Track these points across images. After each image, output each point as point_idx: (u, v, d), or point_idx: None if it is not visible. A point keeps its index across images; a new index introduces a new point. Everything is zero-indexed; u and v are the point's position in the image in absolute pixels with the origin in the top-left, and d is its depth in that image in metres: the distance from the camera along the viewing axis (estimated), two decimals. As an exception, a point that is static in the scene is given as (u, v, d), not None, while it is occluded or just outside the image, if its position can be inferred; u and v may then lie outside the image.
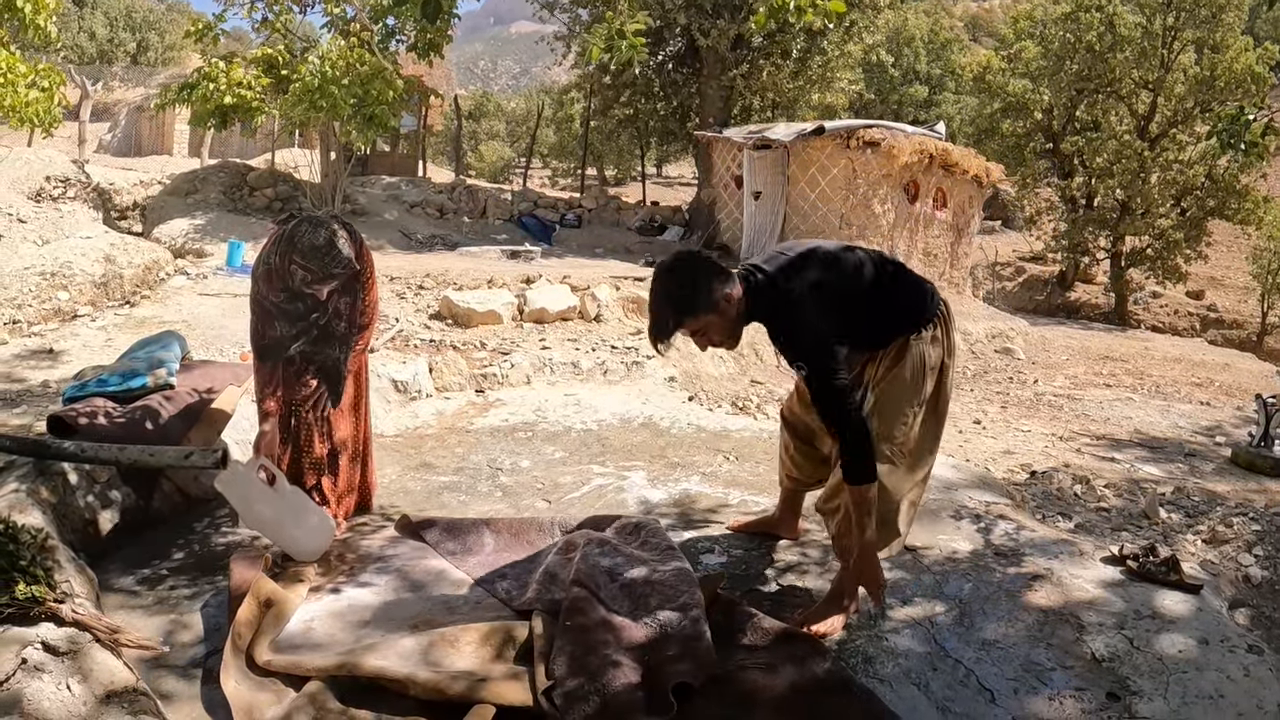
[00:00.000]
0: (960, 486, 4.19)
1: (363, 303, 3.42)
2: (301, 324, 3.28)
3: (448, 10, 3.24)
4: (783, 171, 13.59)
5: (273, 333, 3.26)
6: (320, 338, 3.34)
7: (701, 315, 2.62)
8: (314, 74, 11.75)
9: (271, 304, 3.23)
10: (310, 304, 3.25)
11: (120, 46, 43.56)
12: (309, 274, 3.09)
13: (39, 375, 5.35)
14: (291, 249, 3.07)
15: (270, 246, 3.19)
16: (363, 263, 3.33)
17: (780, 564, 3.31)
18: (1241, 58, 20.75)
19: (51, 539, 2.84)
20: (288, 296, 3.20)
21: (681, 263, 2.68)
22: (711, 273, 2.64)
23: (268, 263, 3.18)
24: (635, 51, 3.64)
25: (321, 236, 3.08)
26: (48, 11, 7.78)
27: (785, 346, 2.72)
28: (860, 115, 29.17)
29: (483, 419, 5.50)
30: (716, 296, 2.61)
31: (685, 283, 2.62)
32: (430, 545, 3.29)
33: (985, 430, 7.33)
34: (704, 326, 2.65)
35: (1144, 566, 3.25)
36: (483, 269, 10.23)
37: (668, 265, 2.68)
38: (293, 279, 3.12)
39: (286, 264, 3.09)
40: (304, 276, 3.10)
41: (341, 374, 3.43)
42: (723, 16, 16.49)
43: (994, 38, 37.66)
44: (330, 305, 3.31)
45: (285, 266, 3.10)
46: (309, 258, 3.06)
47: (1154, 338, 19.01)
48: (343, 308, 3.36)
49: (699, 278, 2.62)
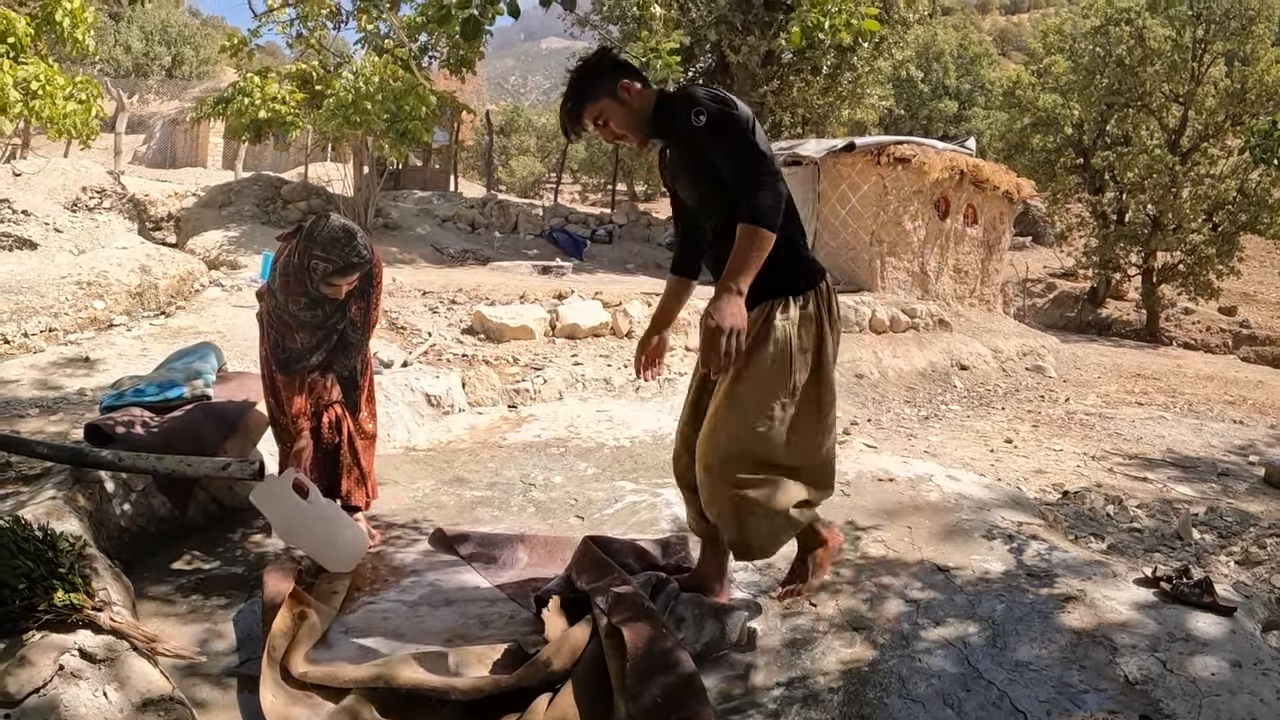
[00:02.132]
0: (993, 506, 4.16)
1: (373, 308, 3.48)
2: (321, 333, 3.32)
3: (489, 24, 3.28)
4: (813, 188, 13.57)
5: (293, 345, 3.30)
6: (339, 346, 3.39)
7: (600, 100, 2.70)
8: (348, 89, 11.89)
9: (291, 314, 3.26)
10: (329, 310, 3.29)
11: (155, 60, 44.37)
12: (330, 264, 3.12)
13: (75, 383, 5.41)
14: (311, 243, 3.11)
15: (286, 252, 3.22)
16: (375, 267, 3.38)
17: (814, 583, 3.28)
18: (1272, 69, 20.55)
19: (89, 546, 2.87)
20: (308, 303, 3.23)
21: (594, 54, 2.82)
22: (613, 65, 2.75)
23: (285, 271, 3.21)
24: (670, 70, 3.66)
25: (340, 229, 3.14)
26: (85, 25, 7.96)
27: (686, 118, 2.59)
28: (890, 131, 29.13)
29: (515, 434, 5.53)
30: (613, 83, 2.70)
31: (585, 71, 2.75)
32: (464, 559, 3.31)
33: (1017, 449, 7.27)
34: (602, 113, 2.72)
35: (1177, 588, 3.20)
36: (514, 284, 10.29)
37: (582, 57, 2.85)
38: (314, 275, 3.14)
39: (306, 261, 3.13)
40: (325, 269, 3.13)
41: (358, 384, 3.48)
42: (753, 33, 16.53)
43: (1023, 51, 37.50)
44: (348, 309, 3.36)
45: (305, 264, 3.13)
46: (329, 248, 3.10)
47: (1186, 355, 18.79)
48: (357, 314, 3.41)
49: (602, 65, 2.75)
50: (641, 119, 2.74)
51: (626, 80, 2.71)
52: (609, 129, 2.75)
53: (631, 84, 2.71)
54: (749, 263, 2.46)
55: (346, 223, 3.19)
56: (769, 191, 2.49)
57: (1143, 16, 21.38)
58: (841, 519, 3.88)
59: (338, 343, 3.40)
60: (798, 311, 2.69)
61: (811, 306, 2.71)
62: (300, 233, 3.20)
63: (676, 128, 2.65)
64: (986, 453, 7.03)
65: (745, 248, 2.46)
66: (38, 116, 7.91)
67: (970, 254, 14.76)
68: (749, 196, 2.49)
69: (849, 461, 4.86)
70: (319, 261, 3.11)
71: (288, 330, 3.28)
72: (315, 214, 3.35)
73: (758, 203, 2.48)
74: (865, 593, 3.12)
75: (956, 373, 10.99)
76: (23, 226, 9.21)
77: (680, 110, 2.60)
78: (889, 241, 13.08)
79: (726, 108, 2.56)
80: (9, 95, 7.15)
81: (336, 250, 3.10)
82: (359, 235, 3.18)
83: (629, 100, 2.70)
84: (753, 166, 2.52)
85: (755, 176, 2.51)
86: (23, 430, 4.15)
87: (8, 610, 2.41)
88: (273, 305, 3.30)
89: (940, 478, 4.56)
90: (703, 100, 2.56)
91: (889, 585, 3.21)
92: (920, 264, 13.60)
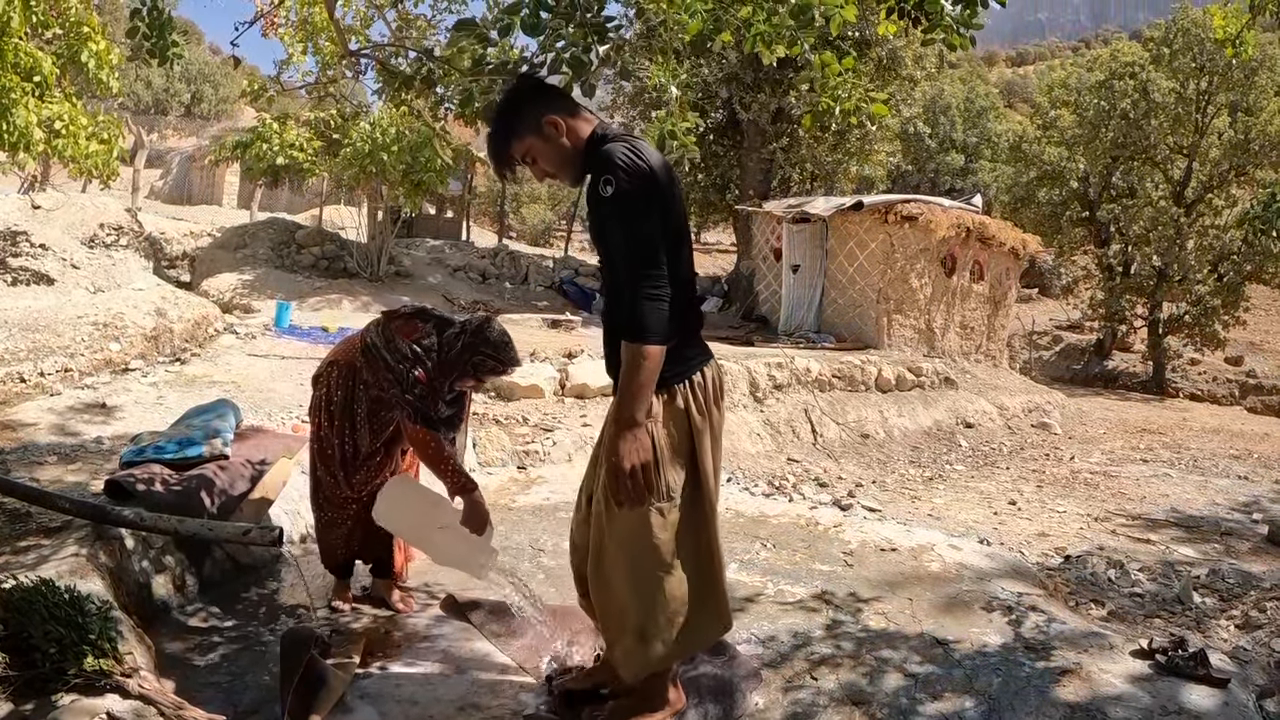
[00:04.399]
0: (993, 576, 4.23)
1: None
2: (453, 409, 3.51)
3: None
4: (821, 245, 13.76)
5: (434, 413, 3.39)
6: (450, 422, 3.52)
7: (526, 137, 2.51)
8: (365, 139, 12.13)
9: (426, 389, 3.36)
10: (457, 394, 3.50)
11: (175, 97, 45.12)
12: (499, 364, 3.37)
13: (93, 430, 5.47)
14: (484, 343, 3.33)
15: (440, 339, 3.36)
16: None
17: (815, 655, 3.35)
18: (1276, 119, 20.80)
19: (114, 609, 2.96)
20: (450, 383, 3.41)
21: (515, 83, 2.65)
22: (541, 95, 2.55)
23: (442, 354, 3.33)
24: (686, 150, 3.81)
25: (504, 331, 3.39)
26: (110, 67, 8.16)
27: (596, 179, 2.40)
28: (897, 185, 29.40)
29: (524, 496, 5.57)
30: (541, 118, 2.49)
31: (508, 104, 2.56)
32: (475, 626, 3.38)
33: (1020, 511, 7.31)
34: (528, 150, 2.53)
35: (1172, 660, 3.27)
36: (525, 339, 10.35)
37: (505, 86, 2.74)
38: (480, 369, 3.36)
39: (472, 355, 3.32)
40: (493, 365, 3.36)
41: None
42: (764, 90, 16.78)
43: (1029, 103, 37.89)
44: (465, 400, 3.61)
45: (469, 358, 3.33)
46: (500, 350, 3.34)
47: (1192, 407, 18.80)
48: (466, 403, 3.65)
49: (524, 97, 2.54)
50: (572, 156, 2.52)
51: (552, 115, 2.50)
52: (537, 167, 2.58)
53: (558, 119, 2.49)
54: (639, 387, 2.32)
55: (503, 327, 3.44)
56: (652, 301, 2.30)
57: (1147, 70, 21.68)
58: (844, 590, 3.96)
59: (451, 419, 3.56)
60: (660, 407, 2.45)
61: (679, 400, 2.47)
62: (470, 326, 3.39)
63: (592, 179, 2.44)
64: (990, 515, 7.08)
65: (632, 370, 2.32)
66: (60, 155, 8.03)
67: (976, 310, 14.89)
68: (631, 305, 2.31)
69: (852, 530, 4.93)
70: (486, 359, 3.33)
71: (428, 399, 3.36)
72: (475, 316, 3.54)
73: (640, 315, 2.29)
74: (865, 666, 3.18)
75: (962, 431, 11.05)
76: (40, 261, 9.31)
77: (596, 166, 2.41)
78: (896, 299, 13.22)
79: (636, 185, 2.33)
80: (33, 134, 7.26)
81: (505, 352, 3.36)
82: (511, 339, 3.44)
83: (556, 137, 2.50)
84: (640, 265, 2.32)
85: (640, 277, 2.31)
86: (42, 478, 4.23)
87: (38, 673, 2.50)
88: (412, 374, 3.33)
89: (942, 546, 4.63)
90: (618, 168, 2.32)
91: (889, 659, 3.27)
92: (927, 321, 13.73)
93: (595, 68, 3.20)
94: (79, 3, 7.94)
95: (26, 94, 7.27)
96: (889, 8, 3.28)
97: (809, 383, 9.93)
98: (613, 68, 3.18)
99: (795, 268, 13.96)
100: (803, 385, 9.81)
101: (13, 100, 7.00)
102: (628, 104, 18.54)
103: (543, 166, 2.56)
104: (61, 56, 8.09)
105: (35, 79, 7.49)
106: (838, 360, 10.83)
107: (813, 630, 3.53)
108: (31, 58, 7.44)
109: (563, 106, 2.54)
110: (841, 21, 3.40)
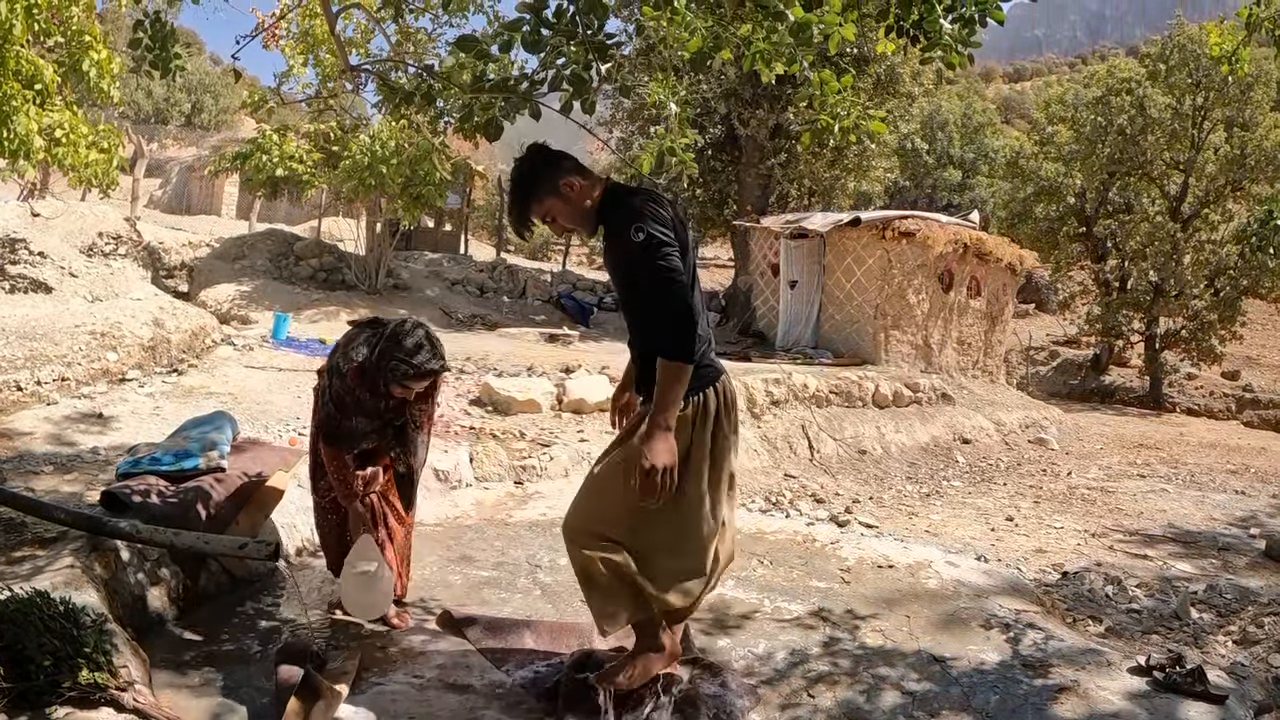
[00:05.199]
0: (991, 593, 4.22)
1: (432, 409, 3.65)
2: (378, 422, 3.46)
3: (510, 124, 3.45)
4: (819, 261, 13.78)
5: (349, 424, 3.42)
6: (396, 440, 3.54)
7: (546, 200, 2.84)
8: (365, 152, 12.16)
9: (354, 399, 3.39)
10: (390, 404, 3.43)
11: (176, 107, 45.15)
12: (412, 369, 3.28)
13: (89, 440, 5.46)
14: (395, 345, 3.28)
15: (359, 341, 3.38)
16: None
17: (812, 673, 3.34)
18: (1271, 134, 20.90)
19: (109, 621, 2.95)
20: (373, 394, 3.37)
21: (527, 154, 2.90)
22: (553, 162, 2.87)
23: (363, 360, 3.34)
24: (685, 166, 3.83)
25: (424, 337, 3.33)
26: (111, 76, 8.16)
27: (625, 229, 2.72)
28: (895, 200, 29.47)
29: (521, 511, 5.56)
30: (557, 182, 2.82)
31: (526, 171, 2.87)
32: (471, 643, 3.37)
33: (1018, 527, 7.30)
34: (548, 211, 2.86)
35: (1170, 677, 3.27)
36: (522, 353, 10.38)
37: (517, 157, 2.91)
38: (394, 375, 3.30)
39: (387, 360, 3.28)
40: (405, 371, 3.28)
41: (414, 481, 3.66)
42: (762, 106, 16.83)
43: (1026, 119, 38.04)
44: (409, 410, 3.52)
45: (385, 363, 3.29)
46: (413, 354, 3.27)
47: (1189, 421, 18.81)
48: (418, 414, 3.57)
49: (539, 166, 2.86)
50: (588, 212, 2.87)
51: (568, 177, 2.84)
52: (557, 224, 2.90)
53: (573, 180, 2.84)
54: (672, 396, 2.68)
55: (429, 330, 3.39)
56: (682, 322, 2.65)
57: (1143, 86, 21.79)
58: (841, 608, 3.95)
59: (395, 437, 3.55)
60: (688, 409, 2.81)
61: (688, 410, 2.81)
62: (381, 329, 3.37)
63: (614, 228, 2.78)
64: (987, 531, 7.07)
65: (667, 383, 2.67)
66: (60, 164, 8.02)
67: (973, 326, 14.91)
68: (664, 330, 2.67)
69: (849, 546, 4.93)
70: (400, 364, 3.27)
71: (346, 411, 3.40)
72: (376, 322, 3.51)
73: (673, 337, 2.65)
74: (863, 684, 3.18)
75: (959, 447, 11.04)
76: (39, 269, 9.26)
77: (621, 218, 2.73)
78: (893, 315, 13.24)
79: (662, 233, 2.68)
80: (34, 141, 7.24)
81: (419, 355, 3.28)
82: (439, 344, 3.37)
83: (573, 196, 2.84)
84: (668, 298, 2.65)
85: (669, 308, 2.65)
86: (38, 488, 4.22)
87: (33, 685, 2.49)
88: (337, 385, 3.42)
89: (939, 563, 4.63)
90: (646, 220, 2.68)
91: (886, 676, 3.27)
92: (924, 337, 13.74)
93: (597, 86, 3.22)
94: (81, 11, 7.93)
95: (27, 102, 7.25)
96: (888, 26, 3.30)
97: (806, 398, 9.92)
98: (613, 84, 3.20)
99: (793, 283, 13.99)
100: (800, 401, 9.81)
101: (14, 108, 6.99)
102: (626, 119, 18.60)
103: (563, 223, 2.89)
104: (63, 65, 8.07)
105: (36, 87, 7.48)
106: (835, 376, 10.82)
107: (810, 648, 3.53)
108: (33, 65, 7.43)
109: (574, 168, 2.88)
110: (840, 40, 3.42)
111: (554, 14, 2.93)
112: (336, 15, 4.36)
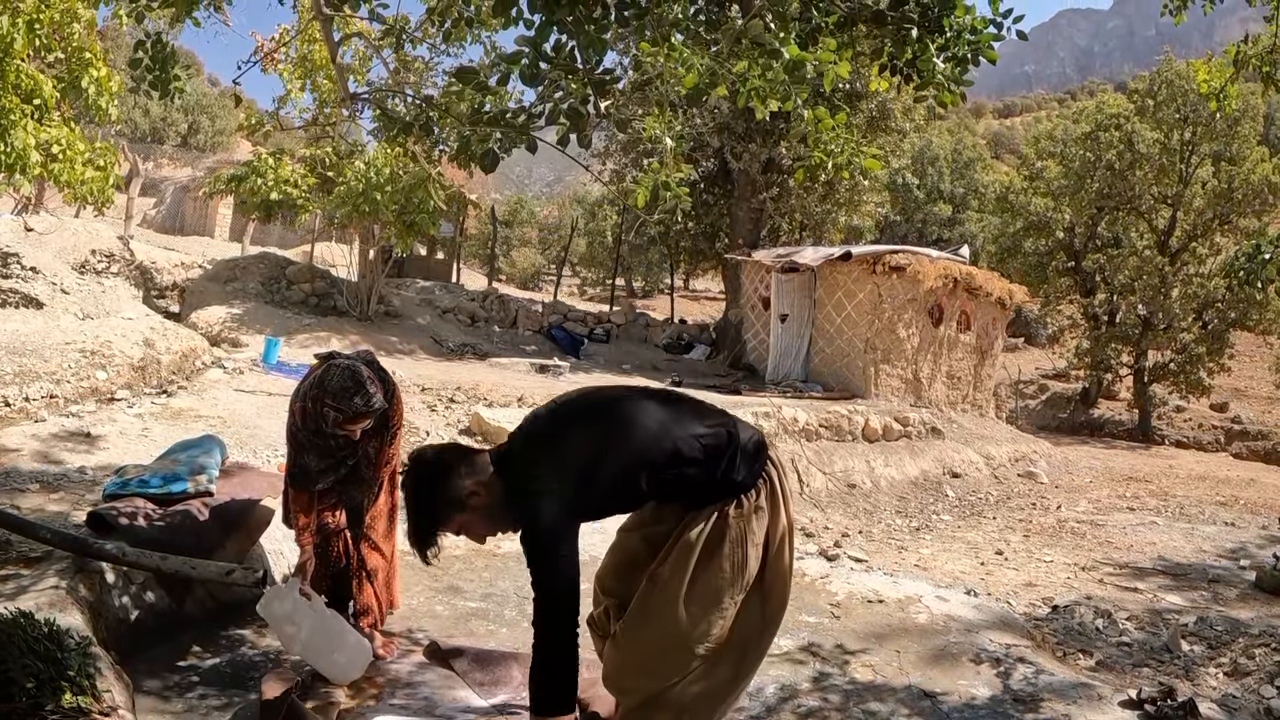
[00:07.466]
0: (981, 628, 4.22)
1: (390, 448, 3.60)
2: (330, 460, 3.42)
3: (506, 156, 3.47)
4: (810, 294, 13.85)
5: (304, 462, 3.41)
6: (349, 479, 3.50)
7: (453, 520, 2.45)
8: (359, 178, 12.19)
9: (304, 437, 3.38)
10: (340, 443, 3.40)
11: (172, 126, 45.26)
12: (340, 413, 3.24)
13: (76, 459, 5.42)
14: (323, 391, 3.25)
15: (306, 387, 3.36)
16: (393, 406, 3.51)
17: (802, 708, 3.32)
18: (1259, 168, 21.14)
19: (93, 644, 2.92)
20: (317, 434, 3.34)
21: (418, 471, 2.48)
22: (449, 471, 2.45)
23: (303, 401, 3.34)
24: (680, 200, 3.86)
25: (350, 379, 3.24)
26: (110, 94, 8.18)
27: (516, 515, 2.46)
28: (886, 235, 29.68)
29: (510, 542, 5.48)
30: (461, 495, 2.43)
31: (424, 493, 2.45)
32: (459, 674, 3.35)
33: (1008, 561, 7.30)
34: (461, 528, 2.49)
35: (1161, 710, 3.27)
36: (512, 383, 10.35)
37: (405, 476, 2.50)
38: (325, 420, 3.27)
39: (319, 406, 3.26)
40: (335, 416, 3.25)
41: (362, 516, 3.60)
42: (755, 140, 16.94)
43: (1015, 154, 38.43)
44: (362, 448, 3.48)
45: (318, 409, 3.27)
46: (339, 398, 3.22)
47: (1178, 454, 18.87)
48: (371, 452, 3.53)
49: (436, 483, 2.44)
50: (502, 509, 2.47)
51: (470, 483, 2.44)
52: (475, 535, 2.54)
53: (477, 484, 2.44)
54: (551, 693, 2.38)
55: (356, 370, 3.29)
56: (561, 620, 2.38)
57: (1132, 121, 22.04)
58: (831, 642, 3.94)
59: (349, 475, 3.51)
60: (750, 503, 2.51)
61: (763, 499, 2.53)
62: (315, 376, 3.34)
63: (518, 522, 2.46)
64: (977, 565, 7.07)
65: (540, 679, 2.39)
66: (56, 180, 8.01)
67: (963, 360, 14.97)
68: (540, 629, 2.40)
69: (839, 581, 4.92)
70: (329, 410, 3.25)
71: (300, 449, 3.39)
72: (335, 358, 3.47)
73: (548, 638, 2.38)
74: (853, 719, 3.16)
75: (948, 481, 11.05)
76: (30, 284, 9.19)
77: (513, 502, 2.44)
78: (883, 349, 13.29)
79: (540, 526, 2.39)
80: (30, 156, 7.24)
81: (345, 400, 3.22)
82: (368, 384, 3.26)
83: (481, 503, 2.44)
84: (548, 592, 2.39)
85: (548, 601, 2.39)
86: (23, 506, 4.18)
87: (14, 707, 2.46)
88: (289, 422, 3.42)
89: (929, 598, 4.62)
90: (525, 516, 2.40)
91: (876, 712, 3.25)
92: (914, 371, 13.79)
93: (596, 124, 3.24)
94: (82, 28, 7.96)
95: (26, 116, 7.27)
96: (881, 65, 3.34)
97: (796, 432, 9.92)
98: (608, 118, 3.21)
99: (783, 317, 14.04)
100: (790, 435, 9.81)
101: (12, 122, 7.00)
102: (620, 152, 18.70)
103: (480, 533, 2.54)
104: (62, 81, 8.09)
105: (35, 102, 7.49)
106: (825, 410, 10.84)
107: (799, 683, 3.52)
108: (33, 80, 7.45)
109: (468, 467, 2.48)
110: (835, 77, 3.46)
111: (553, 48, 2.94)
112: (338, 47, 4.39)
